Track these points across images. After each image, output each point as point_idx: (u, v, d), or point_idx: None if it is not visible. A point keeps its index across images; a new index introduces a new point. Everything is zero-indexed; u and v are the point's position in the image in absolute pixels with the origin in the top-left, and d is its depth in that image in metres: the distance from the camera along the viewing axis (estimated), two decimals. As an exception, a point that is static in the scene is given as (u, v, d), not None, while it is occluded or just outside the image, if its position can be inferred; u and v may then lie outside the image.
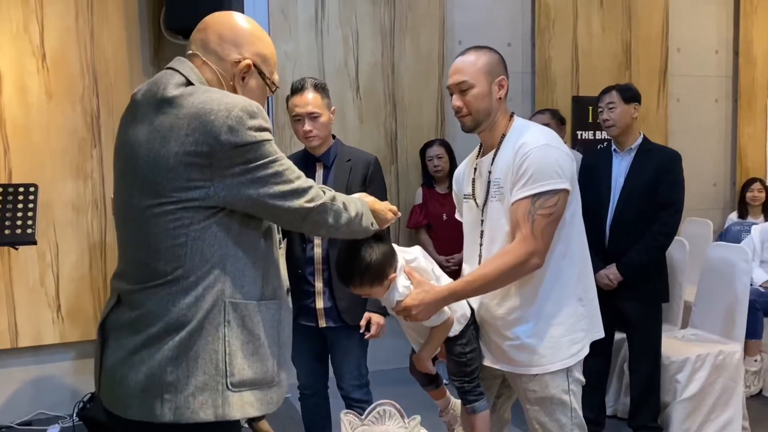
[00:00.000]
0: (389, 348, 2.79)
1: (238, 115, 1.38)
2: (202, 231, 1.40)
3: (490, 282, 1.91)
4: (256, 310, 1.46)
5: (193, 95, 1.41)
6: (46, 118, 3.71)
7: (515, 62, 4.87)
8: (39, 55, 3.69)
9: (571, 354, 1.99)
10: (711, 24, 5.50)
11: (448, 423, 2.20)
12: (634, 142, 3.29)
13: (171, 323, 1.39)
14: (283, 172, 1.44)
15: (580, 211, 2.03)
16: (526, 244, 1.86)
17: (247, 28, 1.54)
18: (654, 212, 3.16)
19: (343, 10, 4.39)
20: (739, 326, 3.46)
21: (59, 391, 3.79)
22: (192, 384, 1.38)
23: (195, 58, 1.53)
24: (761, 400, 3.97)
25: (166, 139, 1.38)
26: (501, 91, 2.00)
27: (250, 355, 1.44)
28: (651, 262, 3.18)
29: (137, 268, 1.45)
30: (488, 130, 2.03)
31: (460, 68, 1.99)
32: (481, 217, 2.05)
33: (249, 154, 1.39)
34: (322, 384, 2.84)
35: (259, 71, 1.55)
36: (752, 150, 5.64)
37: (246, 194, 1.40)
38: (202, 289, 1.40)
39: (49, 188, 3.66)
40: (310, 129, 2.59)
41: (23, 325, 3.71)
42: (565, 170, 1.90)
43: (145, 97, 1.48)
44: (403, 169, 4.54)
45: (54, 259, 3.76)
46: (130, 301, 1.46)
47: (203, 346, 1.39)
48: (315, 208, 1.48)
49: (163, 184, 1.38)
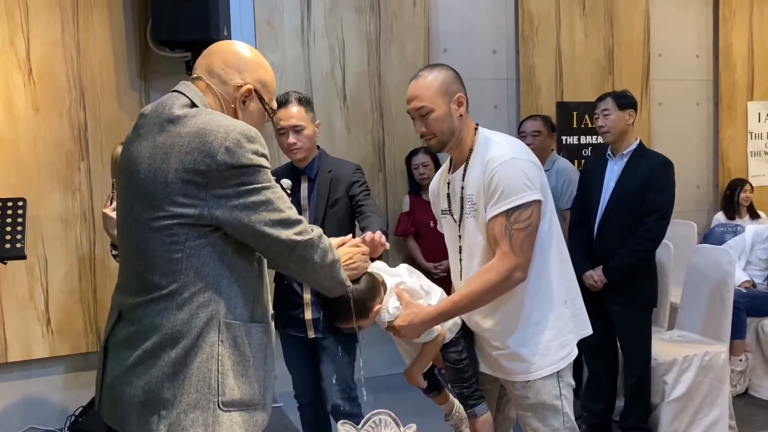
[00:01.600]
0: (382, 355, 2.81)
1: (236, 138, 1.43)
2: (197, 249, 1.43)
3: (475, 300, 1.94)
4: (248, 331, 1.49)
5: (197, 116, 1.47)
6: (33, 132, 3.71)
7: (500, 69, 4.93)
8: (25, 68, 3.69)
9: (561, 358, 2.02)
10: (691, 29, 5.59)
11: (455, 426, 2.24)
12: (628, 147, 3.33)
13: (166, 338, 1.42)
14: (275, 200, 1.47)
15: (555, 216, 2.06)
16: (507, 260, 1.89)
17: (249, 56, 1.62)
18: (641, 217, 3.22)
19: (329, 19, 4.42)
20: (724, 327, 3.52)
21: (50, 406, 3.77)
22: (185, 401, 1.41)
23: (199, 82, 1.59)
24: (747, 399, 4.04)
25: (167, 155, 1.44)
26: (461, 108, 2.01)
27: (240, 375, 1.46)
28: (634, 265, 3.23)
29: (135, 280, 1.50)
30: (456, 147, 2.05)
31: (416, 94, 1.99)
32: (459, 233, 2.08)
33: (243, 177, 1.43)
34: (318, 393, 2.84)
35: (259, 96, 1.61)
36: (734, 152, 5.73)
37: (238, 218, 1.43)
38: (197, 306, 1.43)
39: (37, 202, 3.65)
40: (294, 141, 2.62)
41: (12, 339, 3.69)
42: (534, 181, 1.92)
43: (150, 117, 1.54)
44: (390, 177, 4.57)
45: (43, 273, 3.75)
46: (129, 317, 1.49)
47: (198, 364, 1.42)
48: (303, 242, 1.49)
49: (161, 198, 1.43)
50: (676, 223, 5.11)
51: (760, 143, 5.83)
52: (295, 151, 2.64)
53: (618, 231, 3.26)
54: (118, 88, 3.90)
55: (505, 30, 4.94)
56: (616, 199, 3.29)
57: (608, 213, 3.31)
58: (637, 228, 3.21)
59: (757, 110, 5.79)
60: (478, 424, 2.08)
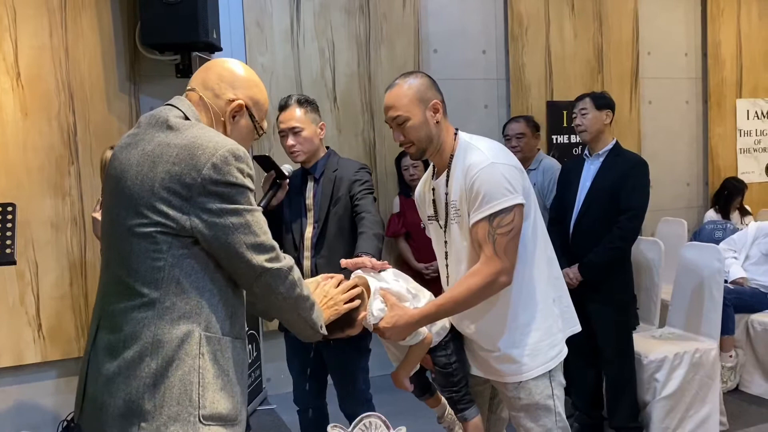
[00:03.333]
0: (374, 356, 2.81)
1: (224, 155, 1.44)
2: (179, 259, 1.44)
3: (460, 303, 1.95)
4: (226, 346, 1.49)
5: (188, 129, 1.49)
6: (22, 136, 3.69)
7: (490, 69, 4.94)
8: (13, 73, 3.67)
9: (551, 357, 2.04)
10: (679, 27, 5.62)
11: (448, 427, 2.24)
12: (604, 147, 3.37)
13: (146, 347, 1.42)
14: (253, 224, 1.48)
15: (539, 217, 2.07)
16: (492, 265, 1.90)
17: (244, 74, 1.65)
18: (615, 216, 3.25)
19: (319, 21, 4.43)
20: (714, 324, 3.55)
21: (42, 411, 3.76)
22: (165, 413, 1.40)
23: (192, 93, 1.61)
24: (738, 395, 4.07)
25: (155, 164, 1.45)
26: (437, 115, 2.01)
27: (220, 389, 1.46)
28: (608, 263, 3.27)
29: (117, 287, 1.49)
30: (436, 154, 2.06)
31: (392, 103, 2.00)
32: (445, 238, 2.09)
33: (227, 195, 1.44)
34: (318, 401, 2.85)
35: (250, 113, 1.63)
36: (723, 149, 5.77)
37: (215, 234, 1.44)
38: (178, 316, 1.43)
39: (27, 207, 3.63)
40: (293, 143, 2.63)
41: (4, 345, 3.67)
42: (515, 184, 1.93)
43: (143, 126, 1.56)
44: (382, 178, 4.58)
45: (34, 278, 3.73)
46: (109, 324, 1.48)
47: (181, 376, 1.41)
48: (271, 270, 1.49)
49: (146, 205, 1.43)
50: (667, 221, 5.16)
51: (749, 140, 5.87)
52: (295, 153, 2.65)
53: (593, 229, 3.30)
54: (108, 91, 3.88)
55: (494, 30, 4.95)
56: (591, 198, 3.34)
57: (584, 212, 3.36)
58: (612, 226, 3.25)
59: (746, 108, 5.84)
60: (469, 428, 2.09)
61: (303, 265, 2.65)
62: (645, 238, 4.07)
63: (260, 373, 4.33)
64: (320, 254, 2.62)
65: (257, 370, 4.28)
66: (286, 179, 2.68)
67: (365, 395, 2.72)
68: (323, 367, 2.76)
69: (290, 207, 2.73)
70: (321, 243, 2.64)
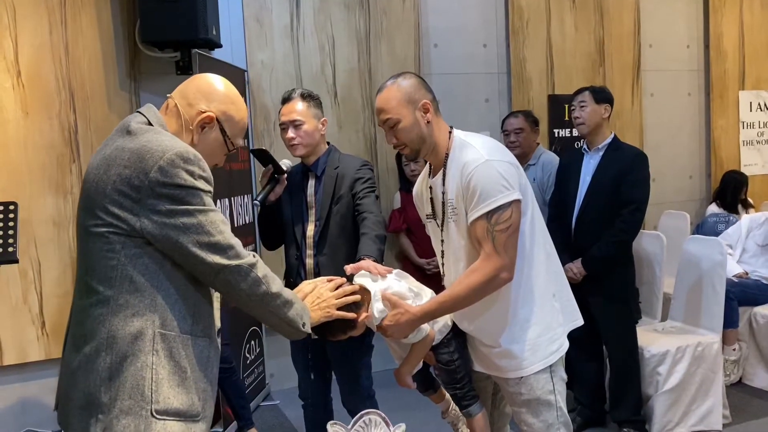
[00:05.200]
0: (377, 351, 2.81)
1: (171, 158, 1.47)
2: (132, 258, 1.48)
3: (460, 300, 1.95)
4: (185, 344, 1.52)
5: (143, 135, 1.53)
6: (23, 135, 3.70)
7: (491, 63, 4.93)
8: (14, 71, 3.67)
9: (552, 352, 2.03)
10: (681, 19, 5.59)
11: (452, 423, 2.25)
12: (603, 141, 3.37)
13: (101, 343, 1.47)
14: (206, 224, 1.50)
15: (538, 212, 2.07)
16: (492, 262, 1.89)
17: (222, 90, 1.69)
18: (617, 209, 3.25)
19: (318, 16, 4.42)
20: (716, 317, 3.54)
21: (46, 409, 3.77)
22: (117, 406, 1.45)
23: (170, 100, 1.66)
24: (741, 388, 4.06)
25: (109, 167, 1.50)
26: (427, 115, 2.01)
27: (176, 385, 1.49)
28: (611, 257, 3.27)
29: (79, 284, 1.57)
30: (431, 153, 2.06)
31: (382, 107, 2.01)
32: (442, 237, 2.10)
33: (175, 196, 1.47)
34: (322, 397, 2.85)
35: (222, 128, 1.65)
36: (725, 142, 5.75)
37: (167, 235, 1.47)
38: (131, 313, 1.47)
39: (28, 205, 3.64)
40: (293, 136, 2.61)
41: (7, 342, 3.69)
42: (512, 180, 1.92)
43: (113, 133, 1.61)
44: (383, 174, 4.58)
45: (36, 276, 3.74)
46: (75, 320, 1.56)
47: (133, 372, 1.46)
48: (228, 267, 1.51)
49: (99, 207, 1.49)
50: (669, 214, 5.15)
51: (751, 132, 5.85)
52: (294, 147, 2.63)
53: (595, 224, 3.30)
54: (108, 89, 3.89)
55: (495, 24, 4.94)
56: (592, 193, 3.33)
57: (585, 206, 3.35)
58: (614, 220, 3.24)
59: (749, 99, 5.81)
60: (474, 423, 2.10)
61: (306, 263, 2.64)
62: (647, 231, 4.06)
63: (263, 369, 4.34)
64: (322, 252, 2.62)
65: (260, 367, 4.29)
66: (284, 174, 2.66)
67: (368, 391, 2.73)
68: (327, 363, 2.76)
69: (291, 204, 2.71)
70: (323, 241, 2.63)
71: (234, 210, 3.92)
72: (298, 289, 1.84)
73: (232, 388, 3.47)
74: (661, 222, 5.16)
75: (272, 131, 4.27)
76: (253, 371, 4.15)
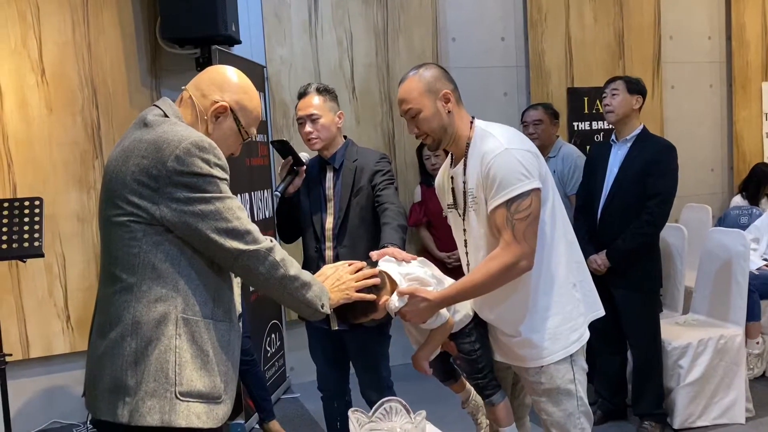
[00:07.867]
0: (396, 344, 2.82)
1: (187, 147, 1.51)
2: (154, 246, 1.52)
3: (479, 287, 1.96)
4: (207, 328, 1.56)
5: (160, 126, 1.58)
6: (48, 132, 3.76)
7: (509, 56, 4.91)
8: (38, 69, 3.74)
9: (572, 341, 2.03)
10: (702, 10, 5.53)
11: (471, 413, 2.26)
12: (632, 132, 3.33)
13: (126, 328, 1.51)
14: (224, 211, 1.54)
15: (559, 201, 2.07)
16: (511, 250, 1.90)
17: (236, 80, 1.72)
18: (644, 201, 3.22)
19: (336, 11, 4.43)
20: (739, 310, 3.51)
21: (72, 400, 3.84)
22: (143, 389, 1.49)
23: (184, 92, 1.71)
24: (765, 381, 4.02)
25: (128, 158, 1.55)
26: (448, 105, 2.02)
27: (199, 368, 1.54)
28: (636, 249, 3.24)
29: (104, 274, 1.61)
30: (452, 143, 2.07)
31: (403, 97, 2.03)
32: (463, 227, 2.10)
33: (193, 185, 1.51)
34: (341, 387, 2.86)
35: (235, 117, 1.69)
36: (748, 134, 5.67)
37: (186, 222, 1.52)
38: (154, 299, 1.52)
39: (53, 201, 3.71)
40: (311, 131, 2.62)
41: (34, 336, 3.76)
42: (531, 169, 1.93)
43: (131, 126, 1.66)
44: (401, 168, 4.59)
45: (61, 271, 3.81)
46: (100, 308, 1.60)
47: (157, 356, 1.50)
48: (246, 252, 1.56)
49: (120, 197, 1.53)
50: (691, 207, 5.10)
51: (775, 124, 5.77)
52: (312, 141, 2.64)
53: (621, 215, 3.27)
54: (130, 86, 3.94)
55: (513, 17, 4.92)
56: (619, 184, 3.30)
57: (611, 197, 3.32)
58: (640, 212, 3.21)
59: (772, 91, 5.73)
60: (497, 411, 2.10)
61: (325, 255, 2.66)
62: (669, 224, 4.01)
63: (284, 362, 4.37)
64: (342, 244, 2.63)
65: (281, 359, 4.33)
66: (304, 166, 2.68)
67: (387, 382, 2.74)
68: (345, 354, 2.78)
69: (309, 197, 2.73)
70: (342, 233, 2.64)
71: (254, 204, 3.95)
72: (320, 272, 1.87)
73: (254, 381, 3.50)
74: (683, 215, 5.11)
75: (291, 127, 4.30)
76: (273, 364, 4.18)
